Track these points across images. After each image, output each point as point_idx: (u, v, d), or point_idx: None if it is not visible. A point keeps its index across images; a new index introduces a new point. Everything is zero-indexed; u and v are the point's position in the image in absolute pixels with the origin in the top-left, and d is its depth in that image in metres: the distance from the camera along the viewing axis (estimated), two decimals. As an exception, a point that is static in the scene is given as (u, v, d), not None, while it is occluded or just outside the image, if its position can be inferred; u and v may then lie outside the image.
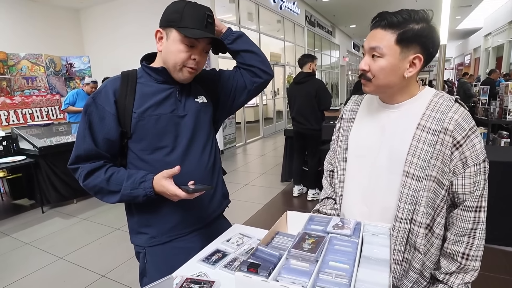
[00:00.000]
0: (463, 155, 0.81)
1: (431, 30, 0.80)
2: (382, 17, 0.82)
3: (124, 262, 2.47)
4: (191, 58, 0.95)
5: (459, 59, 21.72)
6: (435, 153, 0.82)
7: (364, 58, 0.85)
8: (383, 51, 0.80)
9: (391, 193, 0.88)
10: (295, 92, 3.56)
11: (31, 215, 3.56)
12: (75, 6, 7.39)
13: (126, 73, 1.03)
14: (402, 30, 0.79)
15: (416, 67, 0.82)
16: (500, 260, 2.29)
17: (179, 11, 0.93)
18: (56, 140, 3.80)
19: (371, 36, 0.83)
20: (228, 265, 0.88)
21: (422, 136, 0.83)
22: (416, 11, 0.81)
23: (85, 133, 0.96)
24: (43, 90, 5.64)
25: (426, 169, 0.82)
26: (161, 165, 0.98)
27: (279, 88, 9.67)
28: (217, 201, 1.14)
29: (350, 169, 1.00)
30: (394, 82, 0.84)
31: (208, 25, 0.95)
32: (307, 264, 0.70)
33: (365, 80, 0.86)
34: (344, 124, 1.04)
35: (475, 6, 11.34)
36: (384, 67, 0.81)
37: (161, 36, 0.97)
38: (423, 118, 0.84)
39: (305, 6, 10.30)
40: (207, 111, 1.10)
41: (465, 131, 0.80)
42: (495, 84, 6.49)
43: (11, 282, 2.28)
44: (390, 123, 0.89)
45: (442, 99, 0.85)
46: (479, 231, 0.85)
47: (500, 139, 4.14)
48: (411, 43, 0.80)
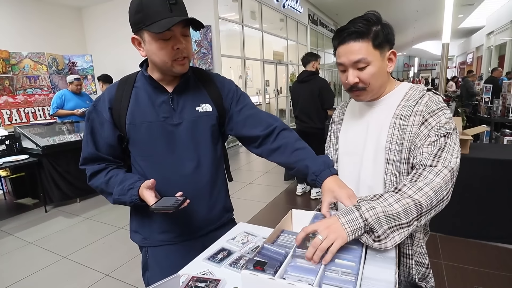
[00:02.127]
0: (427, 129, 0.84)
1: (388, 26, 0.89)
2: (347, 31, 0.86)
3: (128, 261, 2.47)
4: (174, 49, 0.90)
5: (461, 58, 21.63)
6: (406, 136, 0.86)
7: (349, 73, 0.89)
8: (368, 60, 0.86)
9: (378, 183, 0.92)
10: (299, 91, 3.56)
11: (34, 214, 3.58)
12: (77, 5, 7.41)
13: (125, 78, 1.04)
14: (372, 36, 0.85)
15: (393, 61, 0.91)
16: (503, 258, 2.28)
17: (139, 8, 0.86)
18: (59, 139, 3.81)
19: (346, 51, 0.87)
20: (233, 264, 0.88)
21: (396, 124, 0.89)
22: (368, 16, 0.87)
23: (88, 138, 1.02)
24: (45, 89, 5.65)
25: (401, 152, 0.87)
26: (153, 173, 0.99)
27: (282, 87, 9.66)
28: (216, 214, 1.11)
29: (341, 167, 1.04)
30: (383, 81, 0.92)
31: (173, 8, 0.86)
32: (313, 262, 0.70)
33: (358, 91, 0.91)
34: (334, 127, 1.11)
35: (477, 4, 11.27)
36: (374, 73, 0.87)
37: (138, 41, 0.93)
38: (398, 108, 0.91)
39: (308, 4, 10.27)
40: (209, 120, 1.04)
41: (432, 108, 0.85)
42: (498, 82, 6.45)
43: (14, 281, 2.29)
44: (373, 118, 0.95)
45: (416, 90, 0.92)
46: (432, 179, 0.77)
47: (503, 137, 4.12)
48: (383, 43, 0.87)
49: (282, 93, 9.67)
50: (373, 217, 0.72)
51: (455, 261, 2.28)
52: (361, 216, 0.73)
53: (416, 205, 0.74)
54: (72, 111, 4.24)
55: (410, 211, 0.74)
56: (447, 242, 2.52)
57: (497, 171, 2.41)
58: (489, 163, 2.44)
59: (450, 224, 2.56)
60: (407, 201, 0.74)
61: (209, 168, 1.06)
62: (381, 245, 0.73)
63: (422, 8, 11.08)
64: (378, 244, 0.73)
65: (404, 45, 22.46)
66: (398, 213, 0.73)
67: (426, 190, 0.75)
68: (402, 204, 0.74)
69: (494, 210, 2.45)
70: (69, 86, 4.32)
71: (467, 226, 2.55)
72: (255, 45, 7.85)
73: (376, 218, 0.72)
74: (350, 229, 0.72)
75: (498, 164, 2.41)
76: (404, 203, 0.74)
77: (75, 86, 4.26)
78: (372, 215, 0.72)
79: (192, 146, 1.02)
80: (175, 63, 0.93)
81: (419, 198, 0.74)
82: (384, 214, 0.73)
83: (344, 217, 0.73)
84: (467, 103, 6.59)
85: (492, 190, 2.44)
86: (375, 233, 0.72)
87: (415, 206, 0.74)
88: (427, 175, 0.77)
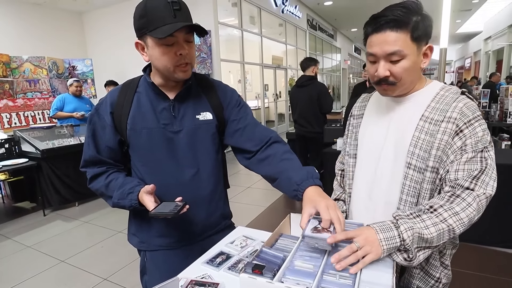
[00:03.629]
0: (462, 142, 0.78)
1: (429, 17, 0.81)
2: (384, 19, 0.78)
3: (127, 265, 2.47)
4: (177, 55, 0.90)
5: (459, 63, 21.74)
6: (435, 143, 0.80)
7: (380, 64, 0.81)
8: (404, 53, 0.78)
9: (395, 186, 0.87)
10: (297, 95, 3.58)
11: (33, 218, 3.57)
12: (78, 9, 7.45)
13: (127, 83, 1.04)
14: (412, 27, 0.77)
15: (428, 57, 0.83)
16: (502, 263, 2.28)
17: (143, 13, 0.87)
18: (59, 143, 3.81)
19: (381, 40, 0.79)
20: (232, 267, 0.88)
21: (424, 127, 0.82)
22: (407, 3, 0.79)
23: (89, 141, 1.02)
24: (45, 92, 5.66)
25: (427, 160, 0.81)
26: (151, 178, 1.00)
27: (281, 91, 9.70)
28: (214, 220, 1.11)
29: (358, 165, 0.98)
30: (415, 77, 0.85)
31: (177, 13, 0.86)
32: (311, 265, 0.71)
33: (387, 85, 0.83)
34: (354, 121, 1.04)
35: (475, 10, 11.37)
36: (408, 68, 0.80)
37: (142, 46, 0.94)
38: (427, 110, 0.84)
39: (307, 10, 10.35)
40: (209, 128, 1.03)
41: (468, 117, 0.78)
42: (496, 87, 6.49)
43: (12, 285, 2.28)
44: (397, 115, 0.89)
45: (448, 92, 0.85)
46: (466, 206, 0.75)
47: (501, 142, 4.15)
48: (422, 36, 0.80)
49: (281, 97, 9.70)
50: (410, 238, 0.71)
51: (456, 266, 2.26)
52: (399, 236, 0.71)
53: (450, 230, 0.73)
54: (71, 113, 4.26)
55: (443, 236, 0.73)
56: (446, 247, 2.52)
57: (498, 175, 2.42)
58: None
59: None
60: (443, 227, 0.73)
61: (208, 175, 1.06)
62: (409, 263, 0.73)
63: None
64: (408, 263, 0.73)
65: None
66: (432, 237, 0.72)
67: (462, 216, 0.73)
68: (438, 229, 0.72)
69: (493, 215, 2.45)
70: (69, 89, 4.36)
71: (467, 231, 2.52)
72: (254, 50, 7.90)
73: (412, 239, 0.71)
74: (387, 247, 0.71)
75: (497, 169, 2.41)
76: (439, 228, 0.72)
77: (75, 87, 4.30)
78: (409, 235, 0.71)
79: (192, 154, 1.02)
80: (178, 69, 0.93)
81: (452, 224, 0.73)
82: (419, 235, 0.72)
83: (383, 234, 0.72)
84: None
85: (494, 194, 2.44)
86: (409, 254, 0.72)
87: (448, 231, 0.73)
88: (466, 198, 0.74)
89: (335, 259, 0.68)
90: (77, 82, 4.35)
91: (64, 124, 4.26)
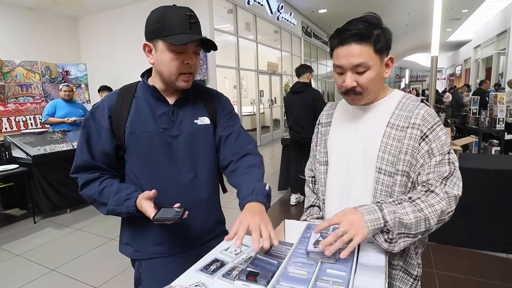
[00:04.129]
0: (429, 146, 0.84)
1: (388, 30, 0.86)
2: (350, 32, 0.82)
3: (119, 273, 2.43)
4: (184, 64, 0.94)
5: (450, 70, 22.18)
6: (403, 148, 0.85)
7: (347, 76, 0.85)
8: (368, 64, 0.83)
9: (366, 191, 0.91)
10: (292, 102, 3.61)
11: (22, 225, 3.50)
12: (73, 14, 7.44)
13: (125, 88, 1.04)
14: (374, 40, 0.82)
15: (390, 67, 0.89)
16: (494, 267, 2.31)
17: (160, 20, 0.90)
18: (51, 149, 3.76)
19: (347, 53, 0.83)
20: (226, 274, 0.87)
21: (391, 133, 0.88)
22: (368, 17, 0.85)
23: (83, 145, 1.00)
24: (37, 97, 5.61)
25: (396, 164, 0.86)
26: (148, 183, 0.99)
27: (276, 97, 9.75)
28: (210, 226, 1.12)
29: (329, 171, 1.02)
30: (379, 87, 0.91)
31: (193, 26, 0.92)
32: (305, 272, 0.71)
33: (354, 95, 0.88)
34: (322, 128, 1.09)
35: (464, 19, 11.66)
36: (373, 78, 0.85)
37: (149, 49, 0.96)
38: (393, 117, 0.89)
39: (302, 17, 10.48)
40: (206, 133, 1.06)
41: (431, 123, 0.85)
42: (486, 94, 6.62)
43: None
44: (364, 123, 0.94)
45: (409, 100, 0.91)
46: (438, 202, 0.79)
47: (491, 147, 4.22)
48: (383, 48, 0.85)
49: (276, 103, 9.75)
50: (393, 221, 0.75)
51: (447, 270, 2.29)
52: (383, 218, 0.76)
53: (425, 220, 0.77)
54: (63, 119, 4.23)
55: (419, 224, 0.77)
56: (439, 251, 2.54)
57: (486, 180, 2.46)
58: (478, 173, 2.49)
59: (441, 233, 2.58)
60: (420, 215, 0.77)
61: (206, 180, 1.07)
62: (389, 246, 0.76)
63: (411, 22, 11.39)
64: (388, 245, 0.76)
65: (396, 56, 22.92)
66: (411, 223, 0.76)
67: (436, 208, 0.78)
68: (416, 216, 0.76)
69: (484, 219, 2.49)
70: (60, 94, 4.35)
71: (459, 235, 2.58)
72: (250, 56, 7.95)
73: (393, 222, 0.75)
74: (372, 228, 0.75)
75: (487, 174, 2.46)
76: (417, 216, 0.76)
77: (63, 92, 4.29)
78: (392, 218, 0.76)
79: (190, 158, 1.03)
80: (180, 77, 0.96)
81: (428, 214, 0.77)
82: (399, 220, 0.76)
83: (368, 216, 0.76)
84: (457, 114, 6.75)
85: (482, 199, 2.48)
86: (390, 235, 0.76)
87: (424, 221, 0.77)
88: (438, 193, 0.79)
89: (323, 246, 0.73)
90: (66, 87, 4.33)
91: (56, 130, 4.21)
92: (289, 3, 9.14)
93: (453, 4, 8.97)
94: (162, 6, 0.93)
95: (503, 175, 2.41)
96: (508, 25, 9.86)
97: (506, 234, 2.43)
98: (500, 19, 10.72)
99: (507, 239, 2.43)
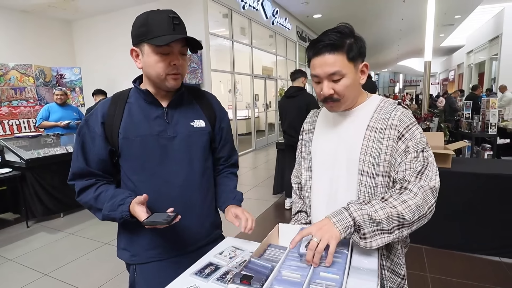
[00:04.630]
0: (405, 145, 0.87)
1: (360, 39, 0.91)
2: (323, 43, 0.87)
3: (113, 278, 2.41)
4: (170, 65, 0.95)
5: (444, 75, 22.46)
6: (383, 149, 0.88)
7: (324, 84, 0.89)
8: (343, 72, 0.87)
9: (351, 193, 0.93)
10: (287, 106, 3.63)
11: (15, 230, 3.46)
12: (68, 18, 7.40)
13: (118, 94, 1.06)
14: (347, 49, 0.87)
15: (365, 73, 0.94)
16: (486, 270, 2.33)
17: (144, 23, 0.92)
18: (44, 152, 3.73)
19: (321, 63, 0.88)
20: (221, 278, 0.88)
21: (371, 136, 0.91)
22: (340, 28, 0.89)
23: (78, 152, 1.02)
24: (31, 101, 5.56)
25: (377, 165, 0.89)
26: (144, 186, 1.00)
27: (271, 101, 9.78)
28: (206, 229, 1.12)
29: (314, 177, 1.04)
30: (356, 93, 0.95)
31: (176, 27, 0.93)
32: (298, 275, 0.72)
33: (332, 102, 0.92)
34: (306, 135, 1.11)
35: (457, 25, 11.85)
36: (348, 85, 0.89)
37: (136, 53, 0.98)
38: (372, 120, 0.92)
39: (297, 22, 10.57)
40: (202, 135, 1.07)
41: (407, 123, 0.88)
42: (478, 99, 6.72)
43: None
44: (345, 128, 0.97)
45: (387, 104, 0.95)
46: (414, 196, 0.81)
47: (484, 152, 4.27)
48: (357, 56, 0.89)
49: (271, 107, 9.78)
50: (360, 217, 0.77)
51: (441, 273, 2.31)
52: (350, 216, 0.78)
53: (399, 215, 0.78)
54: (56, 122, 4.21)
55: (392, 220, 0.78)
56: (432, 255, 2.56)
57: (479, 184, 2.49)
58: (471, 177, 2.52)
59: (435, 237, 2.61)
60: (391, 211, 0.78)
61: (200, 182, 1.08)
62: (366, 243, 0.77)
63: (405, 28, 11.55)
64: (364, 242, 0.78)
65: (390, 61, 23.20)
66: (381, 219, 0.77)
67: (409, 204, 0.78)
68: (386, 212, 0.77)
69: (476, 223, 2.52)
70: (53, 98, 4.34)
71: (452, 239, 2.60)
72: (245, 60, 7.98)
73: (362, 218, 0.77)
74: (341, 227, 0.77)
75: (480, 178, 2.49)
76: (387, 212, 0.77)
77: (56, 96, 4.28)
78: (359, 215, 0.78)
79: (185, 160, 1.04)
80: (169, 77, 0.97)
81: (401, 210, 0.77)
82: (369, 217, 0.77)
83: (335, 217, 0.79)
84: (450, 118, 6.83)
85: (474, 203, 2.51)
86: (362, 231, 0.77)
87: (397, 216, 0.78)
88: (412, 188, 0.80)
89: (307, 262, 0.76)
90: (59, 91, 4.32)
91: (50, 133, 4.18)
92: (284, 8, 9.21)
93: (446, 9, 9.11)
94: (145, 12, 0.95)
95: (495, 179, 2.44)
96: (500, 31, 10.05)
97: (499, 238, 2.46)
98: (492, 25, 10.92)
99: (499, 242, 2.46)
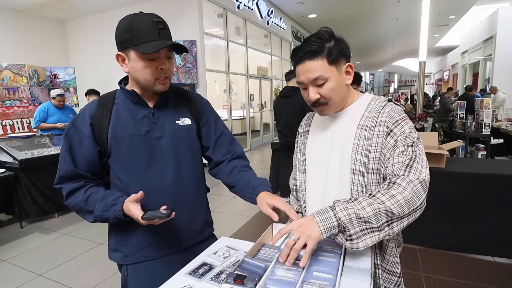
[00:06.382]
0: (394, 140, 0.86)
1: (341, 40, 0.92)
2: (303, 51, 0.89)
3: (107, 278, 2.40)
4: (158, 70, 0.96)
5: (438, 75, 22.62)
6: (372, 146, 0.89)
7: (310, 90, 0.91)
8: (325, 76, 0.88)
9: (344, 193, 0.93)
10: (281, 106, 3.63)
11: (9, 230, 3.43)
12: (61, 17, 7.34)
13: (104, 96, 1.07)
14: (326, 53, 0.88)
15: (351, 73, 0.94)
16: (480, 270, 2.35)
17: (129, 29, 0.92)
18: (38, 153, 3.69)
19: (304, 70, 0.90)
20: (215, 278, 0.88)
21: (361, 134, 0.91)
22: (320, 33, 0.90)
23: (66, 155, 1.01)
24: (25, 101, 5.51)
25: (367, 163, 0.89)
26: (134, 186, 1.00)
27: (266, 101, 9.79)
28: (197, 228, 1.13)
29: (309, 178, 1.05)
30: (344, 94, 0.95)
31: (161, 32, 0.94)
32: (292, 275, 0.72)
33: (321, 105, 0.93)
34: (301, 138, 1.13)
35: (452, 25, 11.94)
36: (333, 87, 0.90)
37: (122, 58, 0.98)
38: (362, 119, 0.93)
39: (292, 22, 10.58)
40: (188, 133, 1.09)
41: (395, 119, 0.89)
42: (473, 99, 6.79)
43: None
44: (337, 129, 0.98)
45: (378, 102, 0.96)
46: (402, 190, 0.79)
47: (477, 152, 4.31)
48: (338, 58, 0.90)
49: (267, 107, 9.79)
50: (346, 217, 0.75)
51: (434, 273, 2.33)
52: (335, 216, 0.76)
53: (387, 211, 0.75)
54: (55, 124, 4.17)
55: (380, 215, 0.75)
56: (426, 255, 2.58)
57: (473, 184, 2.52)
58: (465, 176, 2.54)
59: (429, 236, 2.63)
60: (379, 206, 0.75)
61: (190, 180, 1.09)
62: (352, 244, 0.75)
63: (400, 28, 11.62)
64: (350, 243, 0.75)
65: (385, 62, 23.33)
66: (369, 216, 0.75)
67: (398, 198, 0.76)
68: (374, 208, 0.75)
69: (470, 223, 2.54)
70: (52, 101, 4.28)
71: (445, 239, 2.62)
72: (240, 60, 7.97)
73: (349, 218, 0.75)
74: (323, 227, 0.75)
75: (473, 178, 2.52)
76: (375, 208, 0.75)
77: (57, 101, 4.24)
78: (345, 215, 0.75)
79: (174, 159, 1.05)
80: (157, 81, 0.98)
81: (390, 205, 0.75)
82: (356, 216, 0.75)
83: (319, 216, 0.77)
84: (444, 118, 6.89)
85: (468, 203, 2.53)
86: (347, 232, 0.75)
87: (385, 211, 0.75)
88: (401, 183, 0.79)
89: (281, 259, 0.76)
90: (60, 97, 4.28)
91: (44, 134, 4.15)
92: (279, 8, 9.22)
93: (441, 10, 9.19)
94: (129, 15, 0.95)
95: (489, 179, 2.46)
96: (494, 31, 10.14)
97: (492, 237, 2.48)
98: (487, 25, 11.02)
99: (492, 242, 2.48)
